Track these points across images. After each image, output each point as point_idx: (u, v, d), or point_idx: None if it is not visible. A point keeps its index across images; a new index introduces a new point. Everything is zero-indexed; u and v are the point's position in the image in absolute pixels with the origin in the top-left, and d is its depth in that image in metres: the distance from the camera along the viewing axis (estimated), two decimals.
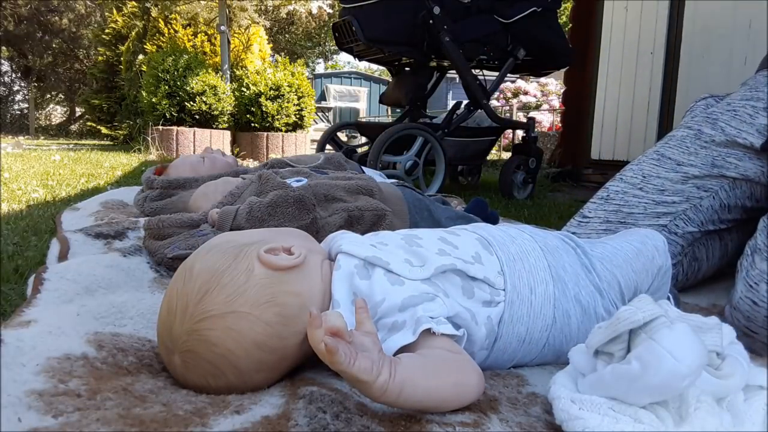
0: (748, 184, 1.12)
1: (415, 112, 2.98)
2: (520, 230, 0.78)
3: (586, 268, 0.74)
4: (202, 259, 0.63)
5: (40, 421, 0.49)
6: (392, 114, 11.00)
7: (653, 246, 0.81)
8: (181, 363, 0.60)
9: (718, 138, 1.15)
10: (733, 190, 1.13)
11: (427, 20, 2.52)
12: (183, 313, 0.59)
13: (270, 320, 0.59)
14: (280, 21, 15.72)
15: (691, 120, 1.23)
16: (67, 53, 15.94)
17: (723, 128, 1.15)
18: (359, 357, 0.51)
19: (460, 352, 0.60)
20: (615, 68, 3.40)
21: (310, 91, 6.39)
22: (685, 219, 1.13)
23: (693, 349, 0.48)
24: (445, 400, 0.56)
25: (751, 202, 1.14)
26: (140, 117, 6.91)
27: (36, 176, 2.90)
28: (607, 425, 0.50)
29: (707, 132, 1.17)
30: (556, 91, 9.43)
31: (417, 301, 0.61)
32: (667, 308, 0.55)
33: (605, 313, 0.73)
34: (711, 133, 1.16)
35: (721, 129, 1.15)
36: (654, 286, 0.81)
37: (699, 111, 1.24)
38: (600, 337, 0.54)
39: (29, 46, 15.48)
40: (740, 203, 1.14)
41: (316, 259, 0.67)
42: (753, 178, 1.11)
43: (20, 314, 0.73)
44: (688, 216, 1.13)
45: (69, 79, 16.45)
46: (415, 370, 0.54)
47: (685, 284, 1.17)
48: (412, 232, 0.75)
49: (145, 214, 1.52)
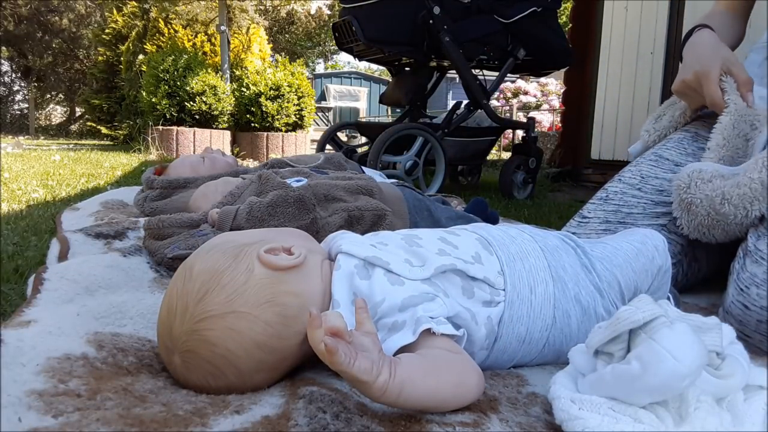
0: None
1: (415, 112, 2.98)
2: (520, 230, 0.78)
3: (586, 268, 0.74)
4: (202, 260, 0.63)
5: (40, 421, 0.49)
6: (392, 114, 11.00)
7: (653, 246, 0.81)
8: (181, 363, 0.60)
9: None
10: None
11: (427, 20, 2.52)
12: (183, 314, 0.59)
13: (270, 320, 0.59)
14: (280, 21, 15.73)
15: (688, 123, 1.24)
16: (67, 53, 15.94)
17: None
18: (359, 357, 0.51)
19: (460, 352, 0.60)
20: (615, 68, 3.40)
21: (310, 91, 6.40)
22: None
23: (693, 349, 0.48)
24: (445, 400, 0.56)
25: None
26: (140, 117, 6.91)
27: (36, 176, 2.90)
28: (606, 425, 0.50)
29: (704, 135, 1.17)
30: (556, 91, 9.43)
31: (417, 301, 0.61)
32: (667, 308, 0.55)
33: (605, 313, 0.73)
34: (708, 136, 1.16)
35: None
36: (654, 286, 0.81)
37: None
38: (600, 337, 0.54)
39: (29, 46, 15.49)
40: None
41: (316, 259, 0.67)
42: None
43: (20, 314, 0.73)
44: None
45: (69, 79, 16.45)
46: (415, 370, 0.54)
47: (685, 285, 1.17)
48: (412, 232, 0.75)
49: (145, 214, 1.52)
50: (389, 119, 9.56)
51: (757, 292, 0.84)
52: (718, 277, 1.23)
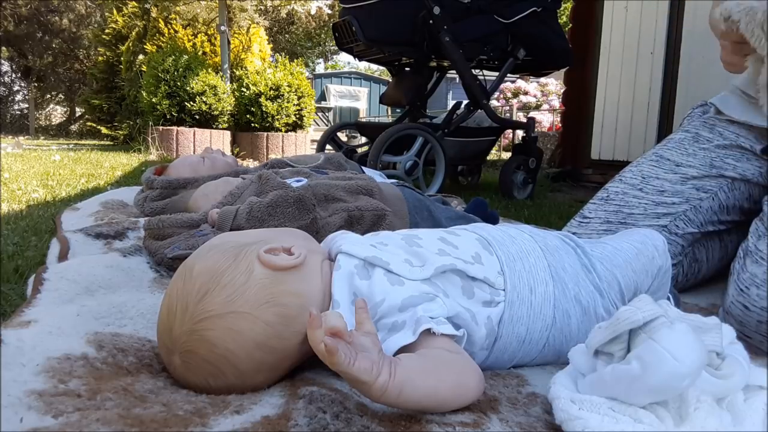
0: (746, 184, 1.13)
1: (415, 112, 2.98)
2: (520, 230, 0.78)
3: (586, 268, 0.74)
4: (202, 260, 0.63)
5: (40, 421, 0.49)
6: (392, 114, 10.99)
7: (653, 246, 0.81)
8: (181, 363, 0.60)
9: (716, 141, 1.15)
10: (731, 192, 1.13)
11: (427, 20, 2.52)
12: (183, 314, 0.59)
13: (270, 320, 0.59)
14: (280, 21, 15.72)
15: (688, 124, 1.24)
16: (67, 53, 15.93)
17: (721, 132, 1.16)
18: (359, 357, 0.51)
19: (460, 353, 0.60)
20: (615, 68, 3.40)
21: (310, 91, 6.39)
22: (685, 220, 1.13)
23: (693, 350, 0.48)
24: (445, 401, 0.56)
25: (749, 203, 1.14)
26: (140, 117, 6.91)
27: (36, 176, 2.90)
28: (607, 425, 0.50)
29: (705, 135, 1.17)
30: (556, 91, 9.43)
31: (417, 302, 0.61)
32: (667, 308, 0.55)
33: (605, 313, 0.73)
34: (709, 137, 1.17)
35: (719, 133, 1.16)
36: (654, 286, 0.81)
37: (696, 116, 1.25)
38: (600, 337, 0.54)
39: (29, 46, 15.48)
40: (738, 204, 1.14)
41: (316, 259, 0.67)
42: (751, 178, 1.12)
43: (20, 314, 0.73)
44: (688, 217, 1.13)
45: (69, 79, 16.44)
46: (415, 371, 0.54)
47: (685, 285, 1.17)
48: (412, 232, 0.75)
49: (145, 214, 1.52)
50: (389, 119, 9.56)
51: (757, 293, 0.84)
52: (717, 276, 1.23)
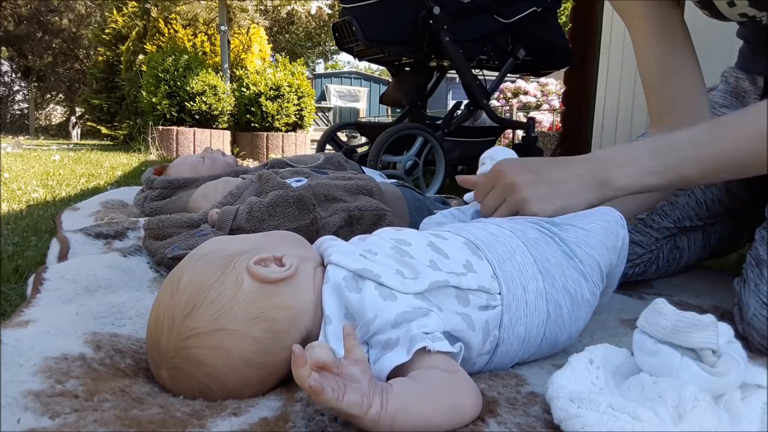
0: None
1: (415, 112, 2.98)
2: (499, 226, 0.77)
3: (568, 256, 0.74)
4: (189, 271, 0.62)
5: (37, 422, 0.49)
6: (392, 114, 10.99)
7: (614, 221, 0.82)
8: (168, 378, 0.59)
9: None
10: (708, 188, 1.13)
11: (427, 20, 2.52)
12: (170, 329, 0.58)
13: (258, 336, 0.58)
14: (280, 21, 15.72)
15: None
16: (67, 53, 15.94)
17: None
18: (348, 391, 0.48)
19: (456, 371, 0.58)
20: (615, 68, 3.40)
21: (310, 91, 6.40)
22: (661, 214, 1.14)
23: None
24: (440, 425, 0.54)
25: (728, 196, 1.14)
26: (140, 117, 6.92)
27: (36, 176, 2.90)
28: (605, 423, 0.49)
29: None
30: (556, 91, 9.42)
31: (411, 317, 0.59)
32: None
33: (591, 296, 0.74)
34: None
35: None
36: (620, 259, 0.82)
37: None
38: (663, 335, 0.55)
39: (29, 46, 15.49)
40: (717, 199, 1.14)
41: (308, 268, 0.66)
42: None
43: (20, 314, 0.73)
44: (664, 211, 1.14)
45: (69, 79, 16.45)
46: (408, 398, 0.52)
47: (668, 271, 1.18)
48: (400, 235, 0.73)
49: (145, 214, 1.52)
50: (389, 119, 9.56)
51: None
52: (718, 278, 1.23)
